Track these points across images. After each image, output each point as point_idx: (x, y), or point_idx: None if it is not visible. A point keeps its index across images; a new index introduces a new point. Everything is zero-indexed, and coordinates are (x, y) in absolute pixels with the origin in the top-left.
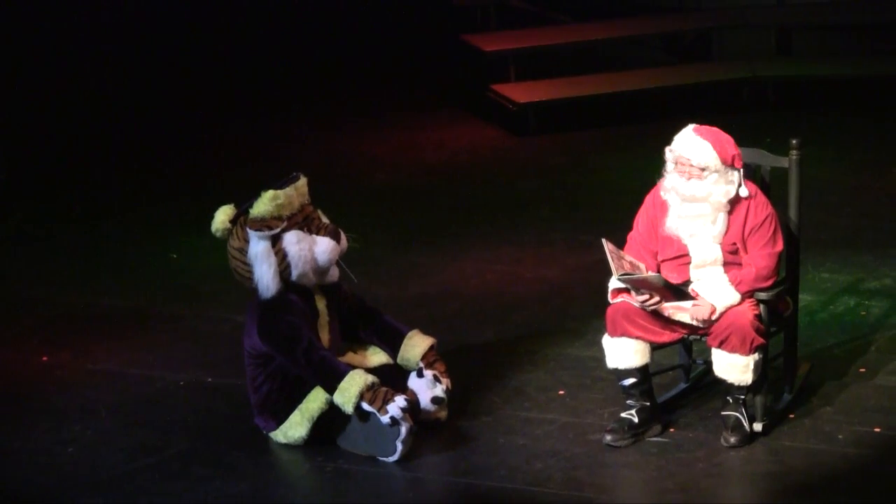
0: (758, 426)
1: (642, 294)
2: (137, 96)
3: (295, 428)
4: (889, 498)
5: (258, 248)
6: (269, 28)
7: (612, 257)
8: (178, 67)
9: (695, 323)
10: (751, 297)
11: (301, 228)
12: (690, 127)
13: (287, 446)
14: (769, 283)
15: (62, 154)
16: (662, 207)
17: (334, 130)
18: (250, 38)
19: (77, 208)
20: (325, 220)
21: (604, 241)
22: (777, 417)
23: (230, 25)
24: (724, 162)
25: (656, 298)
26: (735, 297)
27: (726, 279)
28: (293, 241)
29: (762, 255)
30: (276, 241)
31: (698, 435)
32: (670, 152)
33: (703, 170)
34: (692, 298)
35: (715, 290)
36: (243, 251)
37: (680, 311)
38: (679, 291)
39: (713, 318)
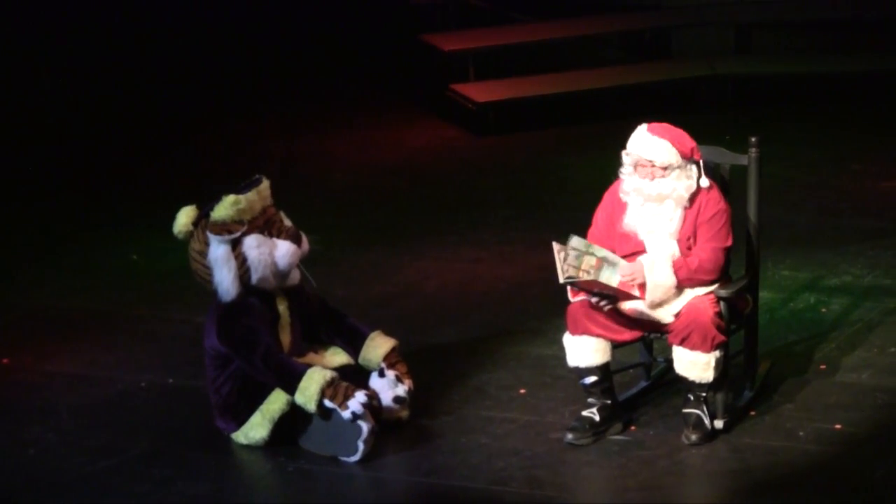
0: (719, 424)
1: (595, 295)
2: (95, 98)
3: (256, 429)
4: (850, 495)
5: (218, 252)
6: (227, 30)
7: (559, 259)
8: (137, 70)
9: (652, 311)
10: (693, 286)
11: (262, 232)
12: (644, 127)
13: (248, 447)
14: (710, 277)
15: (21, 155)
16: (620, 206)
17: (293, 130)
18: (208, 40)
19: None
20: (287, 222)
21: (554, 243)
22: (738, 415)
23: (187, 30)
24: (683, 156)
25: (606, 300)
26: (671, 279)
27: (668, 262)
28: (253, 246)
29: (706, 249)
30: (236, 244)
31: (659, 433)
32: (628, 156)
33: (665, 168)
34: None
35: (655, 265)
36: (204, 254)
37: (657, 316)
38: (628, 293)
39: (648, 299)
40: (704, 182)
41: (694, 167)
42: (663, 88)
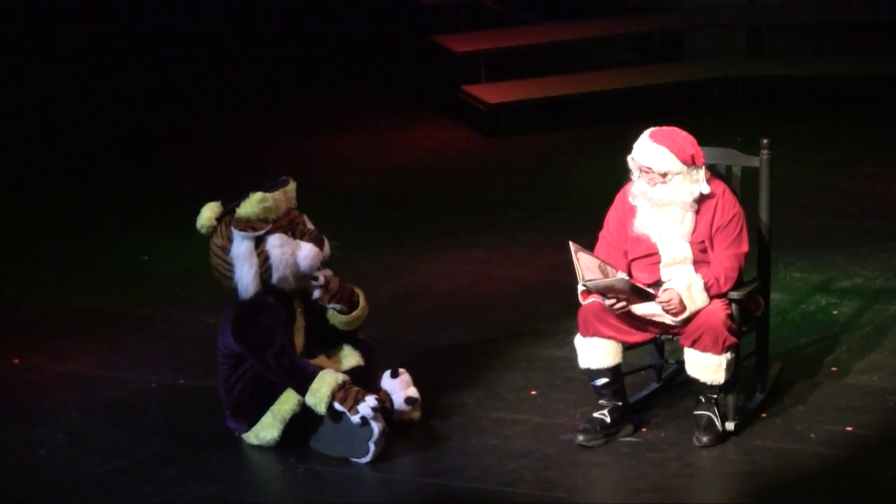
0: (730, 425)
1: (609, 298)
2: (106, 99)
3: (267, 430)
4: (860, 497)
5: (241, 248)
6: (236, 30)
7: (577, 260)
8: (148, 71)
9: (664, 314)
10: (721, 297)
11: (285, 232)
12: (647, 133)
13: (259, 448)
14: (732, 283)
15: (31, 155)
16: (631, 209)
17: (304, 132)
18: (217, 40)
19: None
20: (310, 225)
21: (571, 243)
22: (749, 417)
23: (196, 30)
24: (684, 163)
25: (623, 303)
26: (705, 302)
27: (701, 283)
28: (276, 245)
29: (727, 256)
30: (259, 242)
31: (670, 435)
32: (632, 161)
33: (664, 175)
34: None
35: (691, 293)
36: (226, 250)
37: (649, 306)
38: (646, 295)
39: (681, 317)
40: (706, 188)
41: (698, 172)
42: (674, 90)
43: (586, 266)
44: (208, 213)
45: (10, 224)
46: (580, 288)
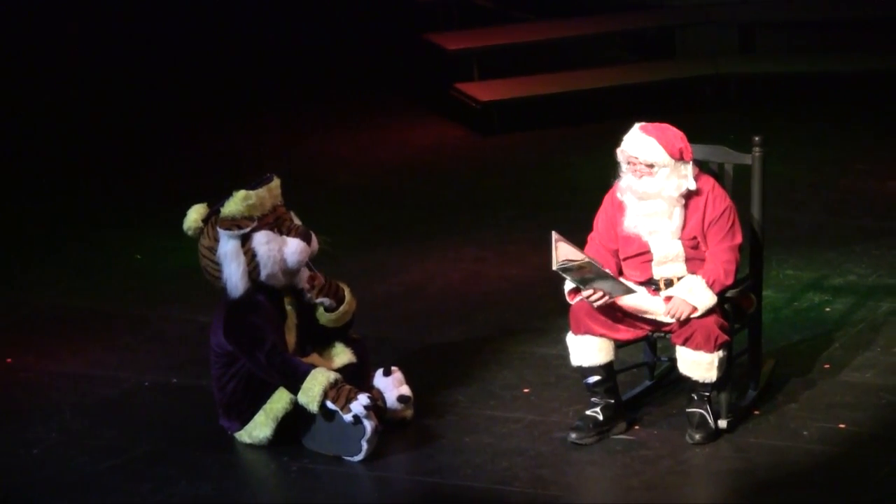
0: (723, 423)
1: (587, 290)
2: (101, 98)
3: (259, 428)
4: (854, 494)
5: (227, 247)
6: (230, 30)
7: (556, 248)
8: (142, 71)
9: (655, 310)
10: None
11: (272, 229)
12: (637, 126)
13: (252, 446)
14: (731, 280)
15: (24, 155)
16: (620, 207)
17: (297, 131)
18: (211, 40)
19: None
20: (297, 221)
21: (553, 232)
22: (742, 414)
23: (190, 30)
24: (672, 156)
25: (600, 293)
26: (713, 298)
27: (702, 281)
28: (263, 242)
29: (723, 249)
30: (245, 240)
31: (663, 432)
32: (621, 153)
33: (651, 166)
34: (633, 291)
35: (694, 293)
36: (213, 250)
37: (654, 311)
38: (623, 284)
39: (696, 314)
40: (692, 184)
41: (685, 168)
42: (667, 88)
43: (564, 254)
44: (194, 215)
45: (3, 224)
46: (567, 286)
